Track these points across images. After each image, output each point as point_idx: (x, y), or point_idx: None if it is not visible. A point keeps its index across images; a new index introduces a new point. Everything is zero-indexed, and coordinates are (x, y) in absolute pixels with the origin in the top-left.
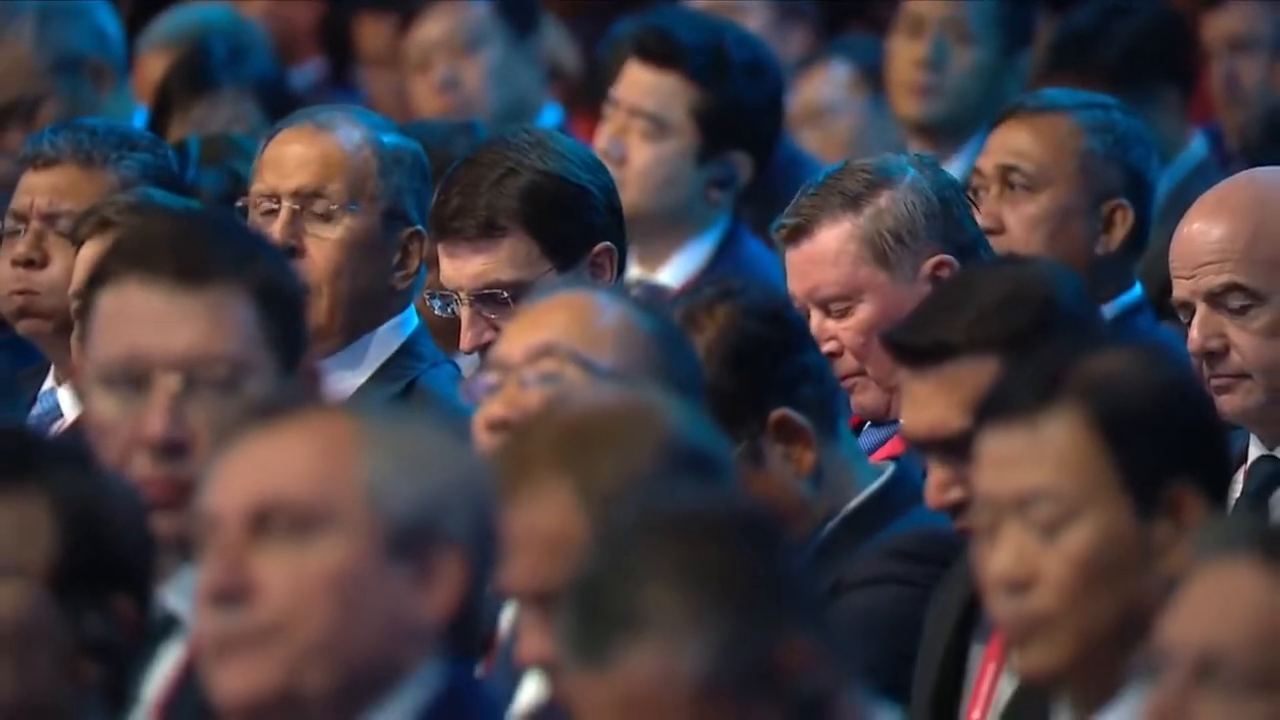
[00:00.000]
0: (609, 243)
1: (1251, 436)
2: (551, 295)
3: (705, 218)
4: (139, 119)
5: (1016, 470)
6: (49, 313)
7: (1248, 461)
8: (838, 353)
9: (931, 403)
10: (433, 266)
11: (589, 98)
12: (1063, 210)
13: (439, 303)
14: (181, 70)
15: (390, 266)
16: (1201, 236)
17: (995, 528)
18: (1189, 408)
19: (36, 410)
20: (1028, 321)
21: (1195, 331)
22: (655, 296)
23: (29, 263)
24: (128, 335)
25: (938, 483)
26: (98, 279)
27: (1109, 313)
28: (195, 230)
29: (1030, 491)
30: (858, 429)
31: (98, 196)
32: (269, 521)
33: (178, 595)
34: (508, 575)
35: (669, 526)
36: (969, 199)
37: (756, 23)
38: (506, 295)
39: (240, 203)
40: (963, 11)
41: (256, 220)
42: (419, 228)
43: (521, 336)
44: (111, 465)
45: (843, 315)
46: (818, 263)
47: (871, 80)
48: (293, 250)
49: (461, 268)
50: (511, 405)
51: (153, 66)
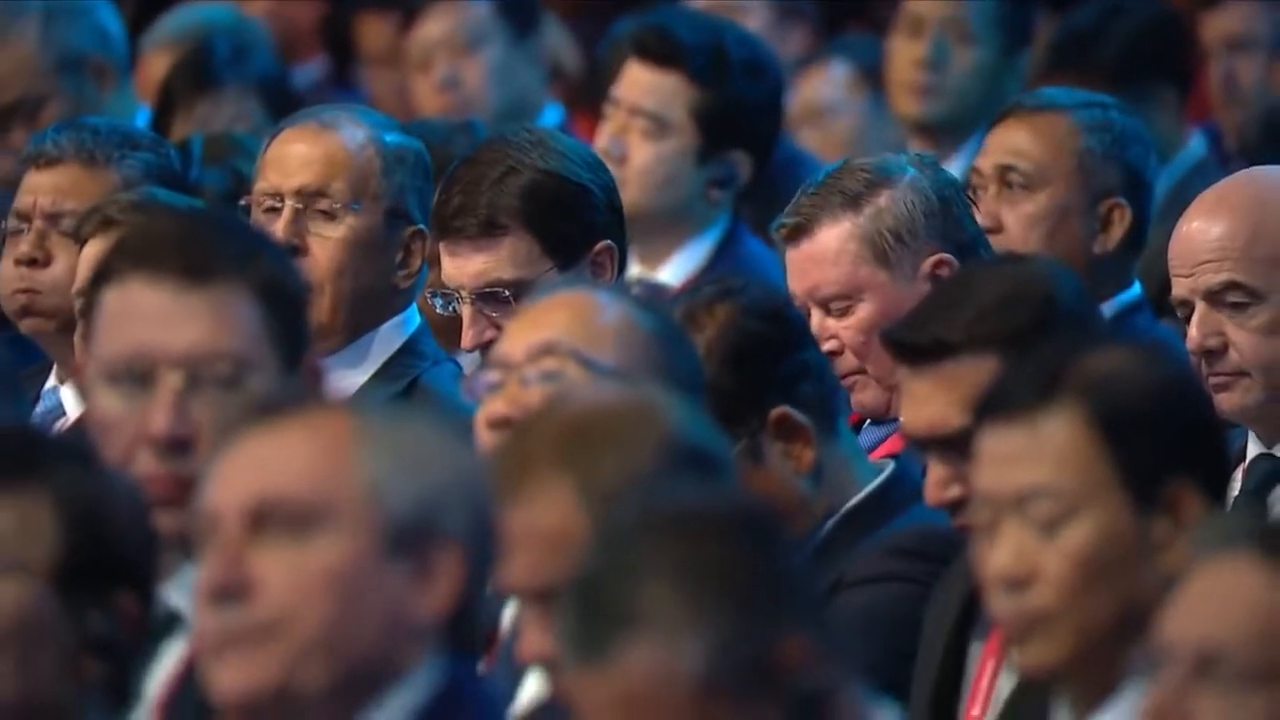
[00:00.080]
0: (610, 241)
1: (1250, 434)
2: (553, 294)
3: (705, 217)
4: (142, 118)
5: (1016, 468)
6: (51, 312)
7: (1246, 459)
8: (838, 351)
9: (931, 400)
10: (434, 265)
11: (590, 97)
12: (1060, 209)
13: (440, 301)
14: (185, 69)
15: (393, 265)
16: (1200, 235)
17: (995, 525)
18: (1188, 406)
19: (39, 409)
20: (1027, 320)
21: (1194, 330)
22: (655, 295)
23: (32, 262)
24: (132, 333)
25: (937, 480)
26: (102, 277)
27: (1108, 311)
28: (199, 228)
29: (1029, 489)
30: (857, 427)
31: (100, 196)
32: (268, 519)
33: (180, 592)
34: (509, 573)
35: (669, 525)
36: (968, 198)
37: (756, 22)
38: (508, 294)
39: (243, 201)
40: (963, 11)
41: (259, 219)
42: (421, 226)
43: (523, 335)
44: (115, 462)
45: (843, 314)
46: (818, 262)
47: (871, 80)
48: (295, 249)
49: (463, 266)
50: (513, 403)
51: (156, 65)
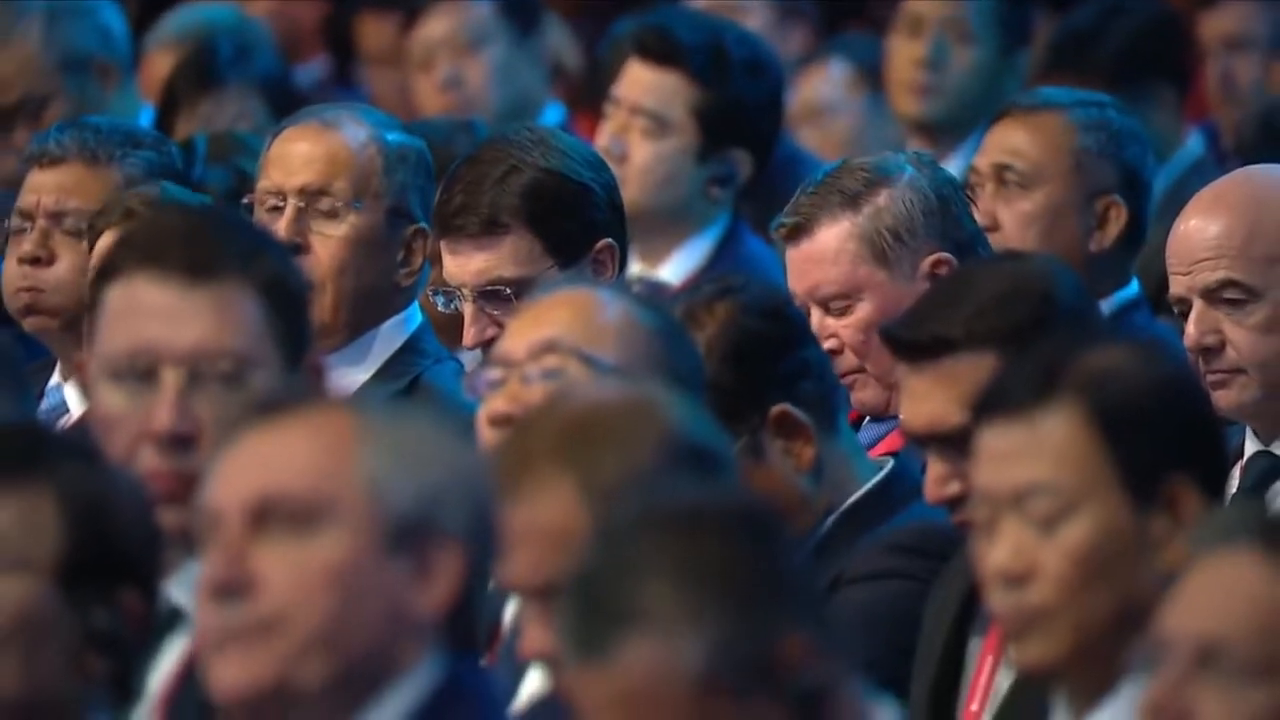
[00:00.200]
0: (611, 240)
1: (1248, 431)
2: (554, 292)
3: (705, 215)
4: (146, 117)
5: (1015, 465)
6: (55, 310)
7: (1244, 457)
8: (838, 350)
9: (930, 397)
10: (436, 263)
11: (591, 96)
12: (1056, 207)
13: (442, 299)
14: (188, 68)
15: (394, 264)
16: (1198, 233)
17: (993, 522)
18: (1186, 403)
19: (43, 406)
20: (1026, 317)
21: (1191, 327)
22: (656, 293)
23: (35, 260)
24: (135, 329)
25: (936, 477)
26: (105, 273)
27: (1106, 309)
28: (203, 226)
29: (1028, 486)
30: (857, 424)
31: (103, 194)
32: (269, 516)
33: (182, 589)
34: (510, 570)
35: (669, 522)
36: (967, 197)
37: (756, 22)
38: (509, 292)
39: (246, 200)
40: (962, 11)
41: (262, 217)
42: (423, 225)
43: (524, 333)
44: (118, 459)
45: (842, 313)
46: (817, 261)
47: (871, 79)
48: (298, 247)
49: (464, 264)
50: (514, 401)
51: (159, 64)
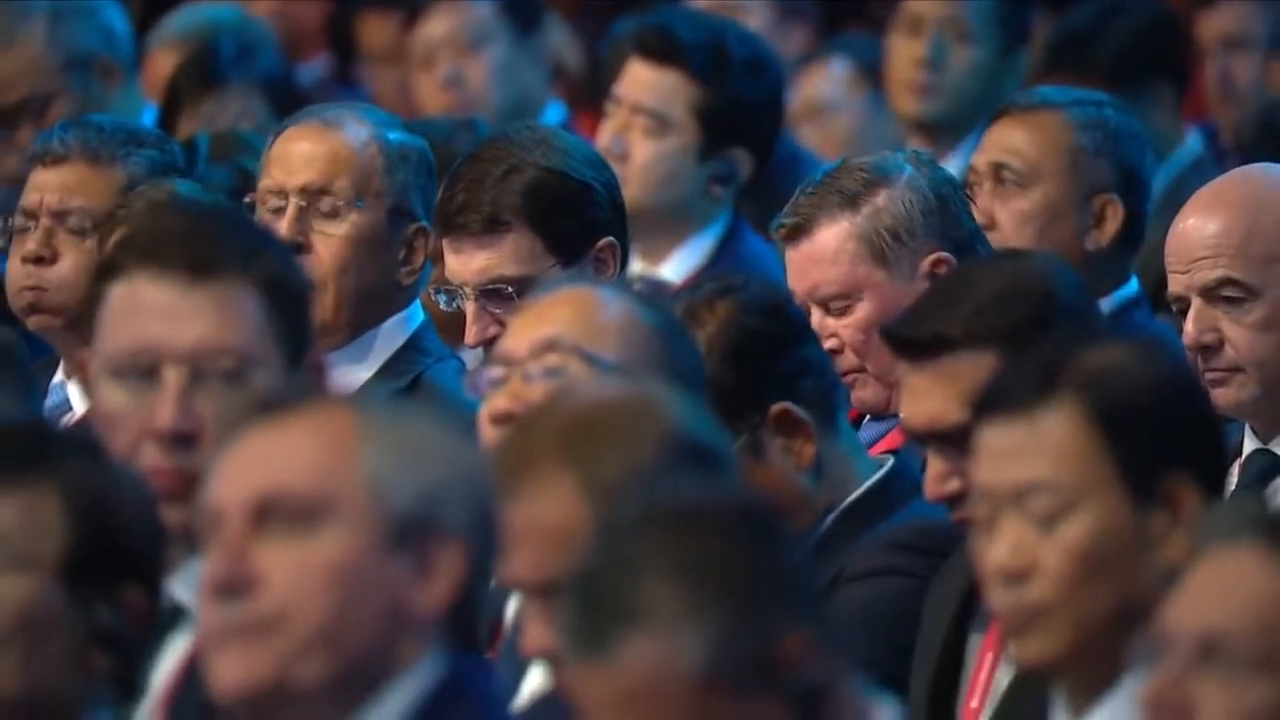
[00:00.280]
0: (612, 238)
1: (1246, 429)
2: (555, 290)
3: (706, 214)
4: (149, 115)
5: (1014, 462)
6: (58, 309)
7: (1242, 454)
8: (838, 350)
9: (930, 395)
10: (438, 261)
11: (592, 95)
12: (1053, 205)
13: (444, 298)
14: (191, 67)
15: (396, 262)
16: (1197, 232)
17: (993, 519)
18: (1185, 401)
19: (46, 404)
20: (1025, 315)
21: (1190, 326)
22: (657, 292)
23: (39, 259)
24: (137, 328)
25: (936, 474)
26: (107, 272)
27: (1106, 307)
28: (204, 225)
29: (1028, 483)
30: (857, 423)
31: (106, 193)
32: (271, 514)
33: (185, 586)
34: (511, 567)
35: (670, 520)
36: (966, 196)
37: (757, 21)
38: (511, 290)
39: (248, 199)
40: (961, 11)
41: (264, 216)
42: (424, 224)
43: (526, 331)
44: (120, 456)
45: (842, 313)
46: (817, 262)
47: (871, 78)
48: (299, 246)
49: (466, 263)
50: (516, 399)
51: (162, 64)
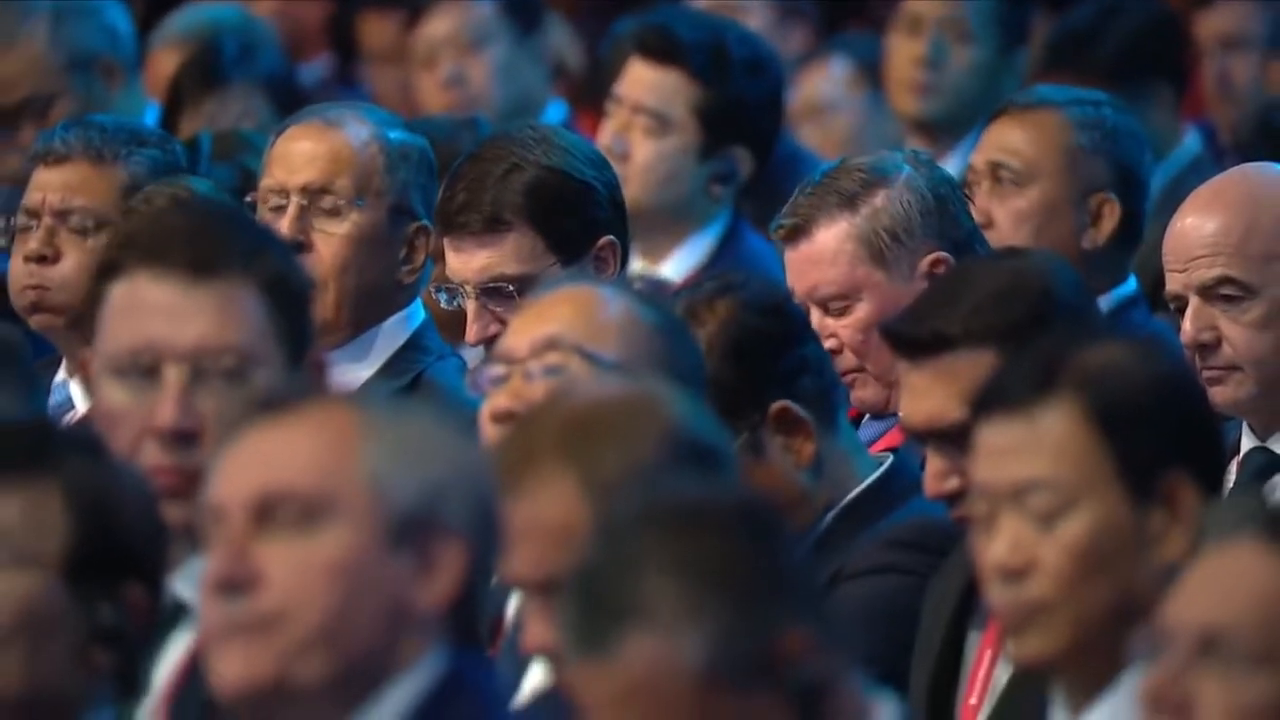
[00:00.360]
0: (612, 237)
1: (1244, 427)
2: (556, 289)
3: (707, 213)
4: (151, 115)
5: (1013, 460)
6: (60, 308)
7: (1240, 452)
8: (837, 350)
9: (929, 393)
10: (439, 260)
11: (593, 94)
12: (1050, 204)
13: (445, 296)
14: (193, 67)
15: (396, 261)
16: (1195, 231)
17: (992, 517)
18: (1184, 399)
19: (49, 402)
20: (1024, 313)
21: (1188, 324)
22: (657, 290)
23: (41, 258)
24: (139, 326)
25: (935, 472)
26: (108, 271)
27: (1104, 306)
28: (205, 224)
29: (1027, 481)
30: (856, 422)
31: (108, 193)
32: (273, 512)
33: (187, 584)
34: (512, 565)
35: (670, 518)
36: (964, 195)
37: (757, 21)
38: (511, 289)
39: (249, 198)
40: (961, 10)
41: (265, 215)
42: (425, 222)
43: (527, 330)
44: (122, 454)
45: (841, 314)
46: (816, 262)
47: (870, 77)
48: (300, 245)
49: (467, 262)
50: (517, 397)
51: (165, 63)
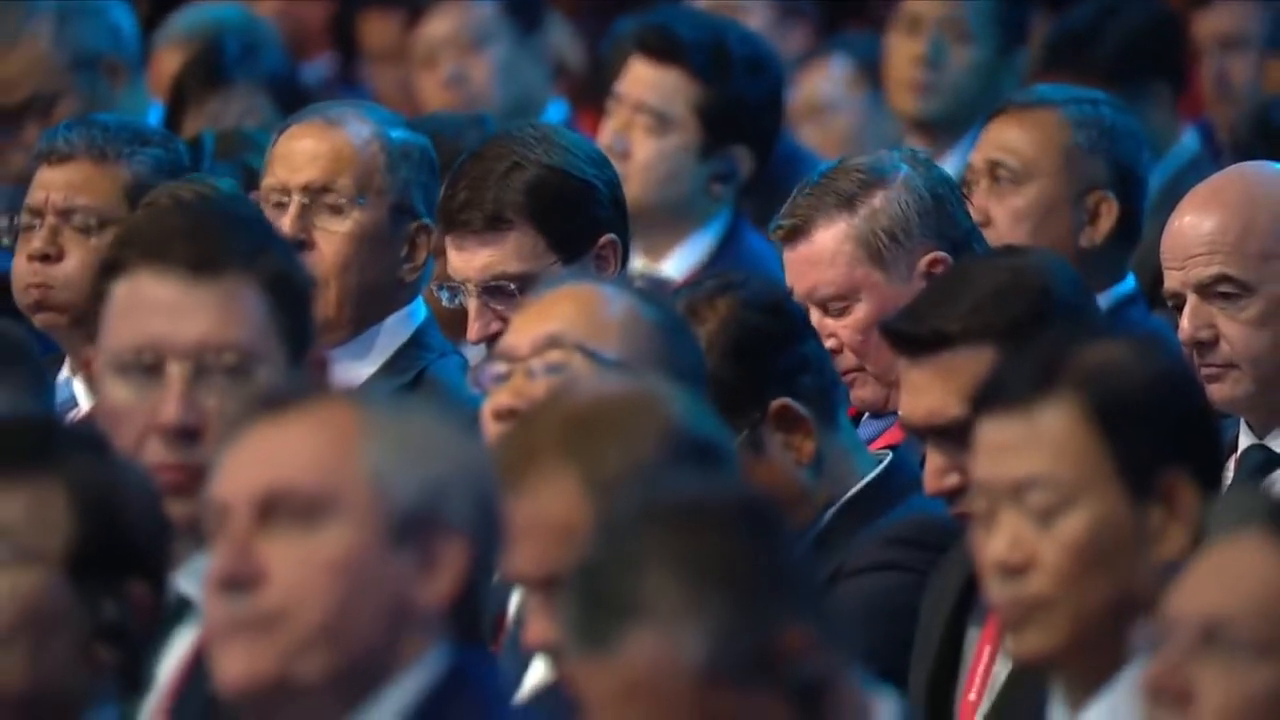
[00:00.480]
0: (613, 235)
1: (1242, 425)
2: (557, 287)
3: (707, 211)
4: (154, 114)
5: (1013, 458)
6: (64, 306)
7: (1238, 450)
8: (837, 350)
9: (929, 390)
10: (440, 258)
11: (594, 93)
12: (1047, 203)
13: (447, 294)
14: (196, 66)
15: (398, 259)
16: (1193, 229)
17: (992, 514)
18: (1182, 397)
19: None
20: (1024, 311)
21: (1186, 322)
22: (658, 289)
23: (45, 257)
24: (141, 324)
25: (935, 469)
26: (111, 269)
27: (1103, 304)
28: (207, 222)
29: (1026, 479)
30: (855, 421)
31: (111, 192)
32: (276, 510)
33: (191, 580)
34: (514, 562)
35: (671, 515)
36: (962, 194)
37: (757, 21)
38: (513, 287)
39: (251, 197)
40: (960, 10)
41: (267, 214)
42: (426, 221)
43: (528, 328)
44: (125, 451)
45: (841, 314)
46: (814, 263)
47: (870, 77)
48: (302, 243)
49: (469, 260)
50: (519, 395)
51: (168, 62)
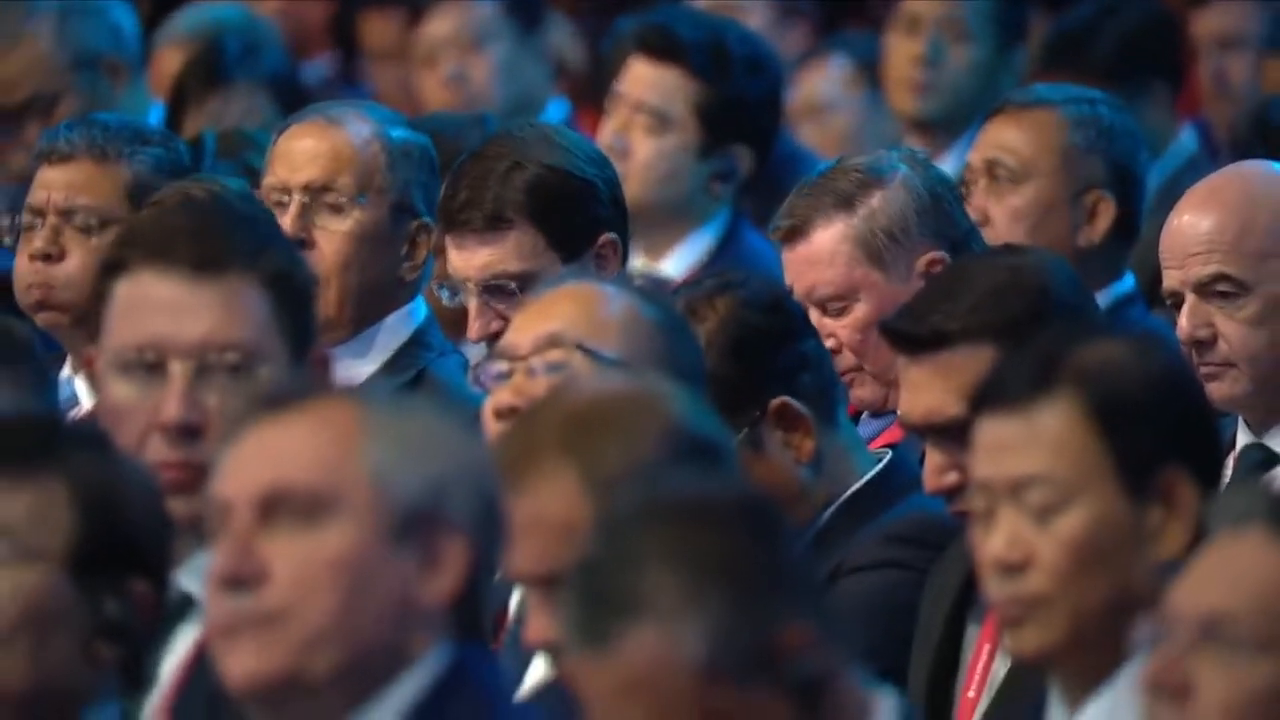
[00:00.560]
0: (613, 234)
1: (1240, 423)
2: (558, 286)
3: (707, 210)
4: (155, 113)
5: (1012, 456)
6: (65, 306)
7: (1236, 448)
8: (836, 350)
9: (929, 389)
10: (440, 256)
11: (594, 93)
12: (1045, 202)
13: (447, 293)
14: (197, 65)
15: (398, 258)
16: (1191, 228)
17: (991, 512)
18: (1181, 395)
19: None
20: (1022, 310)
21: (1184, 320)
22: (658, 288)
23: (46, 257)
24: (144, 323)
25: (934, 467)
26: (113, 268)
27: (1101, 303)
28: (210, 221)
29: (1025, 477)
30: (854, 420)
31: (112, 191)
32: (278, 508)
33: (193, 577)
34: (514, 559)
35: (670, 512)
36: (960, 193)
37: (757, 20)
38: (513, 286)
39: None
40: (959, 10)
41: None
42: (426, 220)
43: (529, 326)
44: (127, 450)
45: (839, 314)
46: (813, 264)
47: (869, 76)
48: (302, 242)
49: (469, 259)
50: (519, 394)
51: (169, 62)
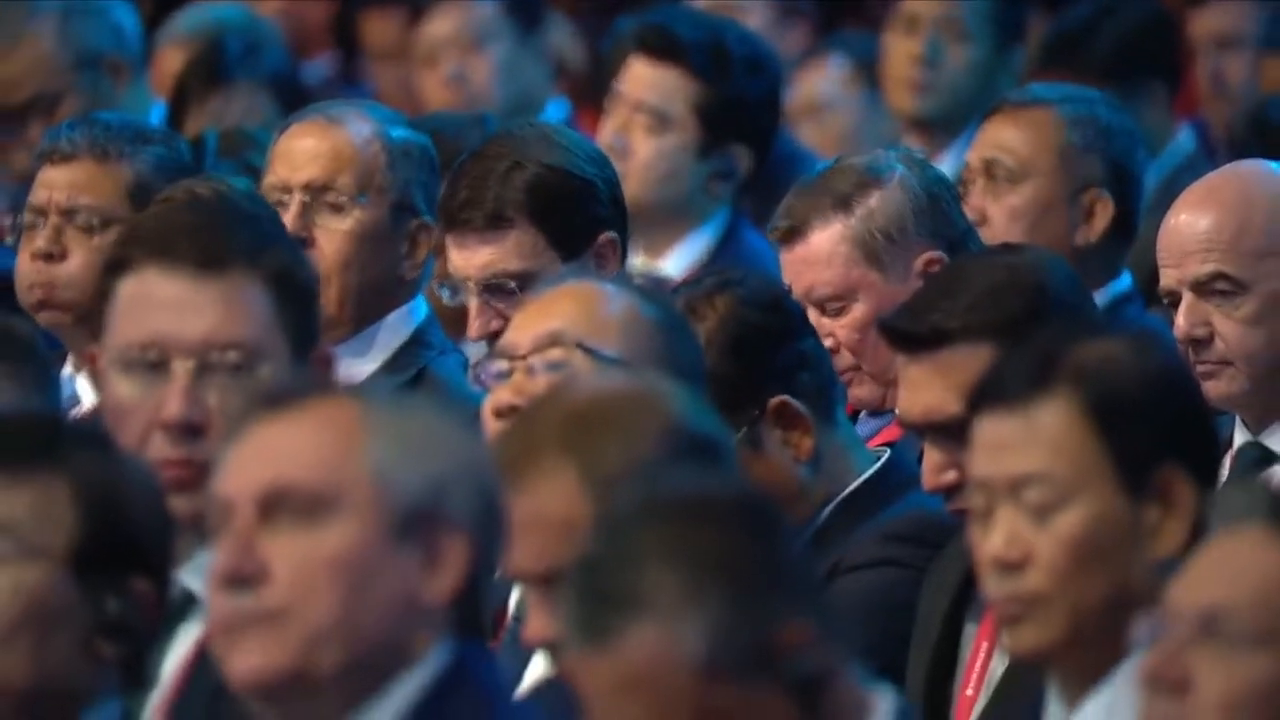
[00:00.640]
0: (613, 234)
1: (1237, 422)
2: (558, 285)
3: (706, 210)
4: (157, 113)
5: (1010, 455)
6: (67, 305)
7: (1234, 447)
8: (834, 349)
9: (927, 387)
10: (440, 255)
11: (594, 92)
12: (1043, 201)
13: (447, 292)
14: (198, 65)
15: (399, 257)
16: (1188, 227)
17: (989, 510)
18: (1179, 394)
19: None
20: (1021, 309)
21: (1181, 319)
22: (657, 287)
23: (48, 256)
24: (147, 321)
25: (933, 465)
26: (116, 266)
27: (1099, 301)
28: (212, 219)
29: (1023, 476)
30: (853, 419)
31: (114, 191)
32: (279, 506)
33: (194, 575)
34: (514, 558)
35: (670, 511)
36: (958, 193)
37: (756, 20)
38: (513, 285)
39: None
40: (957, 10)
41: None
42: (427, 219)
43: (529, 325)
44: (129, 447)
45: (838, 314)
46: (811, 264)
47: (868, 76)
48: (303, 241)
49: (470, 258)
50: (520, 392)
51: (170, 61)
